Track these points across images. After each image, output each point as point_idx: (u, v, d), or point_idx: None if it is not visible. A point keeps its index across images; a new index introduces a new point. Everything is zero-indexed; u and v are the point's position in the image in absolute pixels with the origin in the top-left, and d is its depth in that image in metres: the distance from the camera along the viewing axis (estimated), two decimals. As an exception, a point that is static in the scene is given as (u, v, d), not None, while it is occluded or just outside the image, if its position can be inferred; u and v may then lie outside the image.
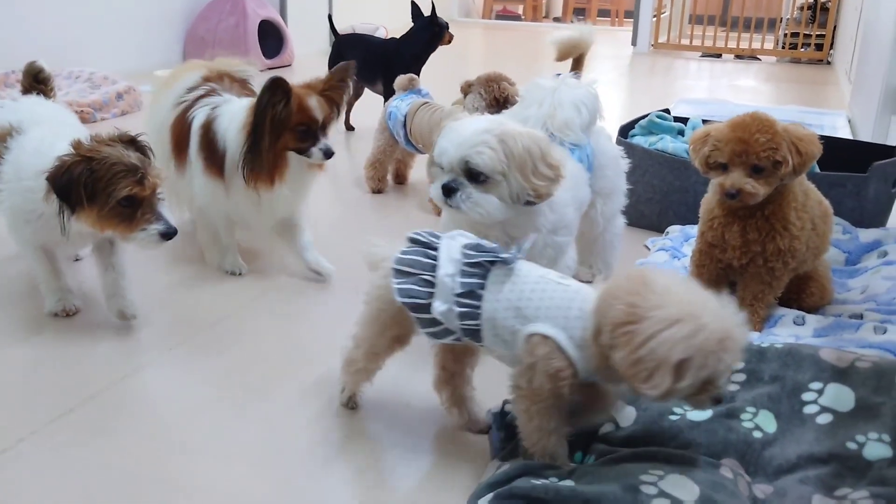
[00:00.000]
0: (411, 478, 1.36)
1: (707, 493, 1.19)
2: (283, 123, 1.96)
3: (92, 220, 1.63)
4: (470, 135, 1.57)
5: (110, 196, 1.59)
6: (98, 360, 1.70)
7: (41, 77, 2.07)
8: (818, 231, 1.81)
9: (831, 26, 6.57)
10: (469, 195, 1.57)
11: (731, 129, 1.72)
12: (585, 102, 1.87)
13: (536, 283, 1.28)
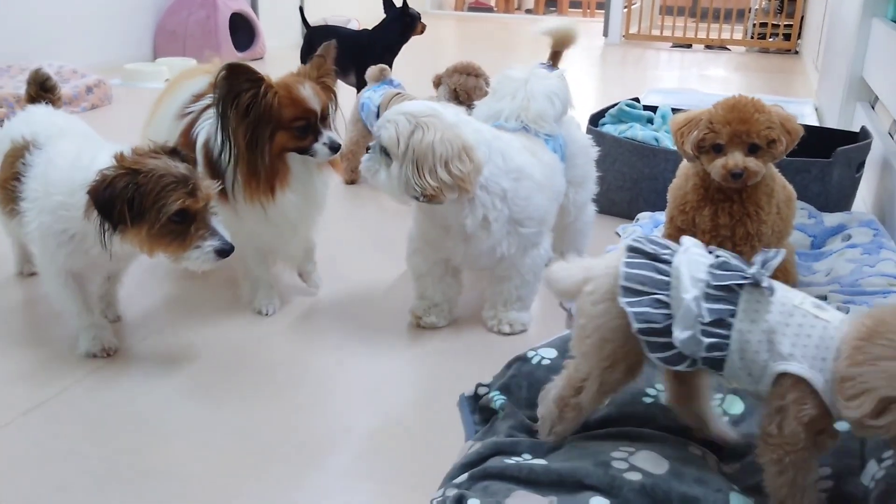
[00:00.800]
0: (386, 460, 1.38)
1: (677, 467, 1.23)
2: (272, 120, 1.71)
3: (140, 240, 1.47)
4: (394, 112, 1.62)
5: (160, 212, 1.44)
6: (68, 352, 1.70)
7: (48, 85, 1.92)
8: (782, 215, 1.85)
9: (799, 16, 6.65)
10: (370, 161, 1.64)
11: (728, 110, 1.73)
12: (557, 93, 1.90)
13: (791, 314, 1.11)
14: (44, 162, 1.59)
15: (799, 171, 2.32)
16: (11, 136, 1.69)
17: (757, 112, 1.71)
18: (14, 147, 1.67)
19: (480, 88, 2.65)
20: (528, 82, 1.88)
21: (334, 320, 1.89)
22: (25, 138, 1.66)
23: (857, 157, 2.39)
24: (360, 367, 1.68)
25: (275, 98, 1.70)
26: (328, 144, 1.76)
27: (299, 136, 1.75)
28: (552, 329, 1.79)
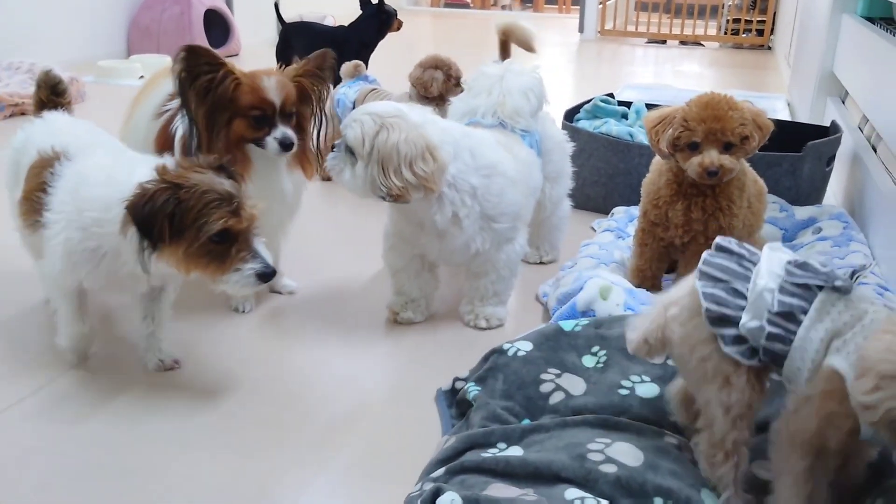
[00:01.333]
0: (364, 456, 1.39)
1: (651, 459, 1.24)
2: (230, 105, 1.70)
3: (177, 259, 1.38)
4: (360, 112, 1.63)
5: (201, 230, 1.35)
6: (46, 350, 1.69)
7: (59, 89, 1.81)
8: (753, 209, 1.87)
9: (771, 12, 6.72)
10: (335, 160, 1.66)
11: (703, 108, 1.74)
12: (532, 89, 1.91)
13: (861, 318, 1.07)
14: (75, 175, 1.49)
15: (770, 166, 2.35)
16: (38, 147, 1.59)
17: (730, 109, 1.73)
18: (42, 158, 1.57)
19: (438, 80, 2.63)
20: (503, 79, 1.90)
21: (311, 317, 1.90)
22: (55, 150, 1.56)
23: (828, 151, 2.42)
24: (338, 364, 1.69)
25: (232, 83, 1.70)
26: (279, 139, 1.72)
27: (255, 126, 1.73)
28: (529, 323, 1.81)
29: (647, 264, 1.93)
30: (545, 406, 1.42)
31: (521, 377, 1.46)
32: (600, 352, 1.53)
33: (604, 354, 1.52)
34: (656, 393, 1.43)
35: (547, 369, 1.48)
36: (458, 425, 1.43)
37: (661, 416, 1.40)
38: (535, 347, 1.51)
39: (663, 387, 1.45)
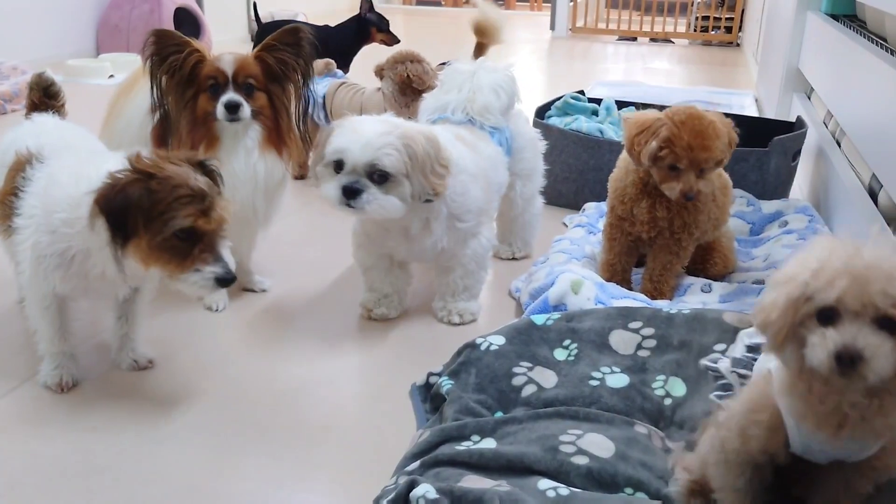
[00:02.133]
0: (340, 451, 1.40)
1: (622, 449, 1.27)
2: (194, 81, 1.74)
3: (139, 251, 1.34)
4: (374, 136, 1.57)
5: (167, 224, 1.31)
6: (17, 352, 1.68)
7: (52, 91, 1.79)
8: (718, 203, 1.91)
9: (739, 10, 6.81)
10: (374, 197, 1.59)
11: (691, 135, 1.73)
12: (503, 86, 1.93)
13: None
14: (45, 177, 1.46)
15: (737, 160, 2.39)
16: (17, 148, 1.56)
17: (716, 138, 1.75)
18: (17, 160, 1.53)
19: (427, 73, 2.65)
20: (475, 75, 1.91)
21: (285, 315, 1.90)
22: (30, 150, 1.52)
23: (793, 146, 2.47)
24: (312, 361, 1.69)
25: (195, 59, 1.75)
26: (224, 103, 1.74)
27: (212, 96, 1.76)
28: (501, 318, 1.83)
29: (616, 258, 1.95)
30: (517, 399, 1.44)
31: (494, 371, 1.48)
32: (571, 345, 1.55)
33: (575, 348, 1.55)
34: (626, 383, 1.46)
35: (519, 363, 1.50)
36: (432, 419, 1.44)
37: (630, 405, 1.42)
38: (507, 341, 1.53)
39: (632, 377, 1.47)
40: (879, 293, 0.86)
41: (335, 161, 1.60)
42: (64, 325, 1.54)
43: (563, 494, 1.16)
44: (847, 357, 0.86)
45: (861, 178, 2.16)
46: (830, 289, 0.89)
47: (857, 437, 0.95)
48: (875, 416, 0.93)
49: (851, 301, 0.87)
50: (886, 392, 0.92)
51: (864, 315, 0.87)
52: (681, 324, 1.56)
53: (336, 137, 1.60)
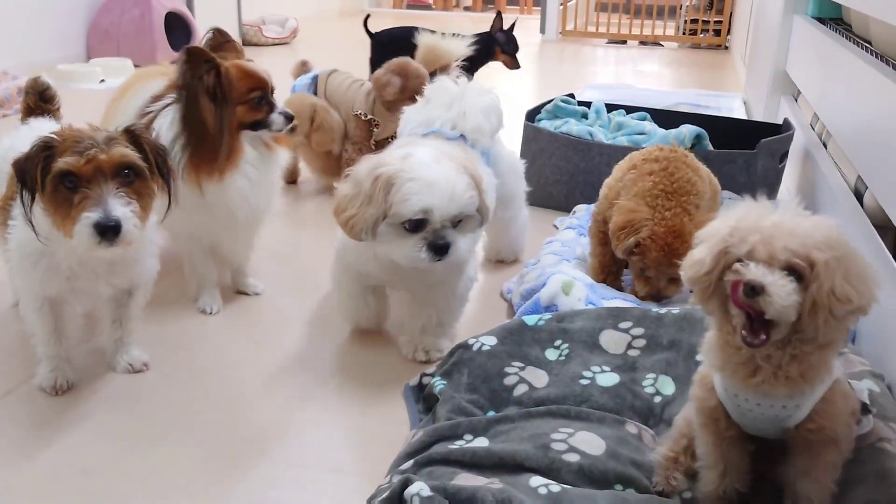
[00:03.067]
0: (334, 450, 1.41)
1: (612, 447, 1.29)
2: (232, 96, 1.75)
3: (48, 213, 1.34)
4: (456, 186, 1.46)
5: (50, 173, 1.30)
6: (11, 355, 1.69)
7: (47, 95, 1.79)
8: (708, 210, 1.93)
9: (728, 13, 6.85)
10: (460, 245, 1.49)
11: (663, 251, 1.76)
12: (493, 109, 1.89)
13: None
14: None
15: (725, 162, 2.42)
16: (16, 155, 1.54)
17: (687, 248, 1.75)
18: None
19: (394, 86, 2.60)
20: (464, 96, 1.85)
21: (279, 318, 1.91)
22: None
23: (780, 148, 2.49)
24: (305, 363, 1.71)
25: (232, 73, 1.75)
26: (283, 114, 1.81)
27: (256, 107, 1.79)
28: (493, 319, 1.84)
29: (609, 261, 1.97)
30: (509, 398, 1.46)
31: (486, 371, 1.50)
32: (563, 345, 1.57)
33: (566, 348, 1.57)
34: (616, 381, 1.48)
35: (511, 363, 1.52)
36: (425, 419, 1.46)
37: (620, 403, 1.44)
38: (499, 342, 1.55)
39: (622, 376, 1.49)
40: (781, 247, 1.00)
41: (416, 221, 1.45)
42: (59, 328, 1.55)
43: (555, 491, 1.17)
44: (749, 287, 0.99)
45: (847, 179, 2.18)
46: (743, 244, 1.03)
47: (771, 386, 1.06)
48: (789, 364, 1.05)
49: (760, 253, 1.01)
50: (798, 341, 1.04)
51: (771, 264, 1.01)
52: (670, 323, 1.58)
53: (413, 196, 1.43)
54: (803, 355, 1.05)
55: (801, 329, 1.02)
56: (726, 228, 1.05)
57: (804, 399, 1.08)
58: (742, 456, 1.16)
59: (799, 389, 1.07)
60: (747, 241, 1.02)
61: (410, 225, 1.45)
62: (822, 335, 1.02)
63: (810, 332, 1.02)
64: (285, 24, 6.73)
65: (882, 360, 1.50)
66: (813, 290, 0.99)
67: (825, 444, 1.10)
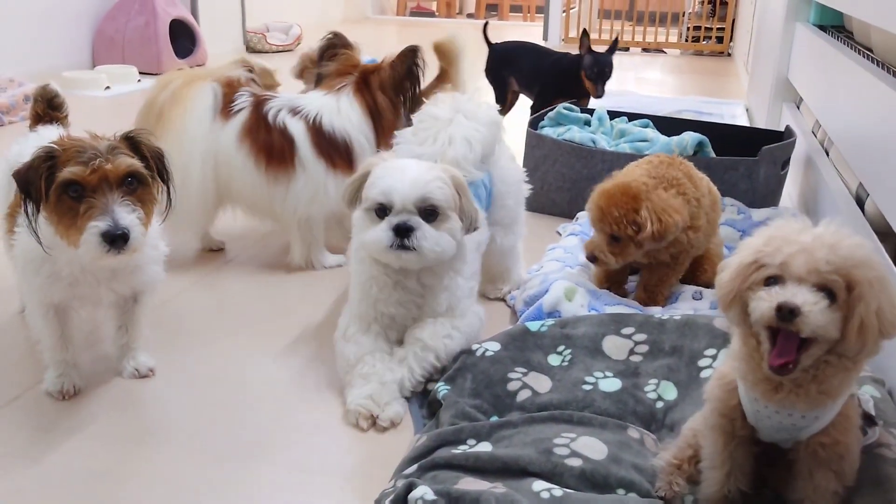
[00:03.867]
0: (338, 455, 1.42)
1: (615, 452, 1.30)
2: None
3: (52, 222, 1.36)
4: (421, 173, 1.50)
5: (55, 183, 1.31)
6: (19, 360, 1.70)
7: (56, 103, 1.81)
8: (710, 219, 1.95)
9: (730, 20, 6.87)
10: (428, 234, 1.48)
11: (598, 196, 1.82)
12: (476, 137, 1.72)
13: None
14: None
15: (728, 169, 2.43)
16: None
17: (616, 206, 1.78)
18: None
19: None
20: (451, 123, 1.74)
21: (284, 322, 1.93)
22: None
23: (782, 154, 2.51)
24: (312, 367, 1.72)
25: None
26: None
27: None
28: (497, 325, 1.85)
29: (613, 270, 1.98)
30: (512, 404, 1.47)
31: (489, 376, 1.51)
32: (566, 351, 1.58)
33: (569, 353, 1.58)
34: (618, 387, 1.49)
35: (514, 368, 1.53)
36: (429, 424, 1.47)
37: (622, 409, 1.45)
38: (502, 348, 1.56)
39: (624, 381, 1.51)
40: (822, 260, 0.98)
41: (379, 205, 1.50)
42: (65, 333, 1.56)
43: (557, 495, 1.18)
44: (786, 309, 0.97)
45: (848, 186, 2.19)
46: (778, 254, 1.00)
47: (793, 402, 1.05)
48: (810, 383, 1.04)
49: (797, 267, 0.99)
50: (823, 362, 1.02)
51: (806, 281, 0.98)
52: (672, 329, 1.59)
53: (378, 180, 1.51)
54: (825, 377, 1.03)
55: (840, 348, 1.00)
56: (761, 239, 1.04)
57: (825, 412, 1.08)
58: (747, 457, 1.16)
59: (821, 405, 1.06)
60: (783, 252, 1.00)
61: (378, 210, 1.51)
62: (866, 354, 1.01)
63: (851, 352, 1.00)
64: (289, 32, 6.76)
65: (882, 366, 1.51)
66: (861, 310, 0.97)
67: (833, 460, 1.09)
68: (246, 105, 2.11)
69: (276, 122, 2.09)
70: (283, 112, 2.10)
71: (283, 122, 2.09)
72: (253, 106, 2.11)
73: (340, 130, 2.11)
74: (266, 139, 2.08)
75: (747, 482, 1.17)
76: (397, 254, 1.49)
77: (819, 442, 1.09)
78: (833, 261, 0.98)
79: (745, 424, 1.14)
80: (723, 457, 1.16)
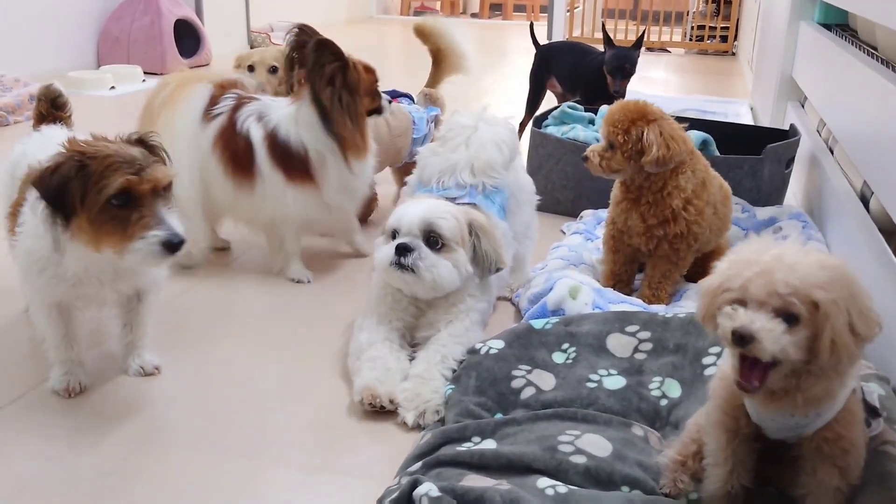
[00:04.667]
0: (344, 453, 1.42)
1: (619, 449, 1.30)
2: (359, 87, 2.03)
3: (85, 231, 1.35)
4: (433, 205, 1.63)
5: (101, 193, 1.31)
6: (27, 358, 1.71)
7: (59, 102, 1.82)
8: (719, 214, 1.94)
9: (735, 19, 6.86)
10: (426, 256, 1.58)
11: (615, 104, 1.89)
12: (506, 140, 1.86)
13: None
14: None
15: (732, 168, 2.43)
16: (28, 162, 1.56)
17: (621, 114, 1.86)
18: (29, 173, 1.52)
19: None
20: (477, 129, 1.85)
21: (291, 321, 1.93)
22: (41, 163, 1.48)
23: (786, 153, 2.50)
24: (318, 365, 1.72)
25: (357, 69, 2.04)
26: (388, 99, 2.15)
27: (376, 97, 2.11)
28: (501, 323, 1.85)
29: (621, 269, 1.99)
30: (517, 401, 1.48)
31: (494, 374, 1.51)
32: (570, 348, 1.59)
33: (573, 351, 1.58)
34: (622, 384, 1.49)
35: (518, 366, 1.53)
36: (434, 423, 1.47)
37: (626, 406, 1.46)
38: (506, 345, 1.57)
39: (629, 379, 1.51)
40: (781, 282, 0.98)
41: (392, 230, 1.63)
42: (70, 332, 1.57)
43: (562, 492, 1.19)
44: (738, 335, 0.99)
45: (853, 184, 2.19)
46: (738, 278, 1.01)
47: (792, 409, 1.06)
48: (795, 392, 1.05)
49: (756, 290, 0.99)
50: (805, 372, 1.03)
51: (767, 304, 0.99)
52: (677, 327, 1.59)
53: (396, 210, 1.66)
54: (808, 385, 1.04)
55: (816, 364, 1.01)
56: (726, 262, 1.05)
57: (825, 410, 1.08)
58: (750, 454, 1.17)
59: (817, 408, 1.07)
60: (742, 276, 1.00)
61: (392, 235, 1.64)
62: (845, 365, 1.02)
63: (828, 366, 1.01)
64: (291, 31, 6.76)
65: (888, 364, 1.51)
66: (828, 331, 0.97)
67: (837, 455, 1.09)
68: (225, 109, 2.07)
69: (241, 128, 2.04)
70: (251, 118, 2.05)
71: (248, 129, 2.04)
72: (230, 110, 2.07)
73: (296, 140, 2.02)
74: (233, 145, 2.04)
75: (750, 478, 1.17)
76: (398, 273, 1.60)
77: (823, 437, 1.09)
78: (791, 282, 0.98)
79: (749, 423, 1.14)
80: (726, 453, 1.16)
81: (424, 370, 1.55)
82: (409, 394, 1.51)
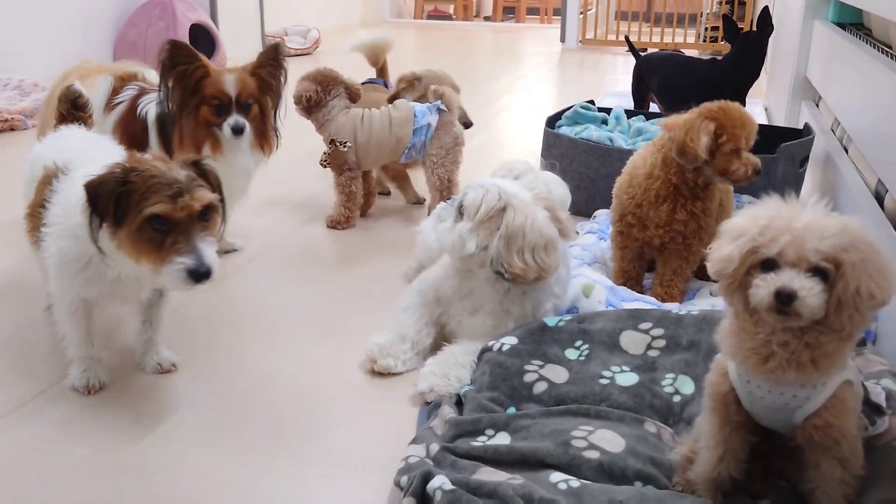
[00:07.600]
0: (357, 448, 1.44)
1: (632, 445, 1.31)
2: (197, 93, 2.04)
3: (125, 242, 1.39)
4: (488, 181, 1.66)
5: (140, 212, 1.35)
6: (45, 355, 1.73)
7: (79, 103, 1.84)
8: (724, 206, 1.95)
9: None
10: (444, 219, 1.67)
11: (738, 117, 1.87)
12: (560, 180, 1.98)
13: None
14: (68, 186, 1.51)
15: (746, 167, 2.42)
16: (44, 163, 1.61)
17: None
18: (46, 174, 1.59)
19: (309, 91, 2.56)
20: (534, 171, 1.97)
21: (304, 317, 1.95)
22: (57, 164, 1.57)
23: (801, 152, 2.50)
24: (333, 360, 1.73)
25: (200, 75, 2.04)
26: (231, 125, 2.06)
27: (215, 113, 2.06)
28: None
29: (630, 265, 1.99)
30: (529, 395, 1.48)
31: (506, 368, 1.52)
32: (583, 345, 1.59)
33: (586, 348, 1.59)
34: (635, 381, 1.50)
35: (531, 361, 1.54)
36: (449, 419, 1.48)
37: (639, 402, 1.46)
38: (519, 341, 1.57)
39: (641, 375, 1.51)
40: (812, 249, 1.02)
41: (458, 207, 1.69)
42: (90, 330, 1.59)
43: (575, 487, 1.19)
44: (784, 294, 1.02)
45: (867, 183, 2.19)
46: (774, 244, 1.04)
47: (785, 373, 1.08)
48: (802, 351, 1.07)
49: (790, 254, 1.03)
50: (817, 330, 1.06)
51: (799, 266, 1.03)
52: (690, 324, 1.60)
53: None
54: (819, 344, 1.07)
55: (824, 322, 1.04)
56: (756, 227, 1.07)
57: (815, 391, 1.10)
58: (742, 444, 1.18)
59: (810, 377, 1.08)
60: (778, 242, 1.04)
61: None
62: (847, 329, 1.05)
63: (835, 326, 1.04)
64: (307, 35, 6.81)
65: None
66: (839, 290, 1.02)
67: (829, 446, 1.10)
68: (126, 98, 2.21)
69: (140, 112, 2.17)
70: (151, 104, 2.16)
71: (146, 113, 2.16)
72: (131, 98, 2.20)
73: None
74: (132, 127, 2.17)
75: (739, 469, 1.18)
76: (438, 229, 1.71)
77: (813, 424, 1.10)
78: (822, 248, 1.02)
79: (740, 410, 1.16)
80: (717, 439, 1.18)
81: (462, 352, 1.62)
82: (438, 368, 1.58)
